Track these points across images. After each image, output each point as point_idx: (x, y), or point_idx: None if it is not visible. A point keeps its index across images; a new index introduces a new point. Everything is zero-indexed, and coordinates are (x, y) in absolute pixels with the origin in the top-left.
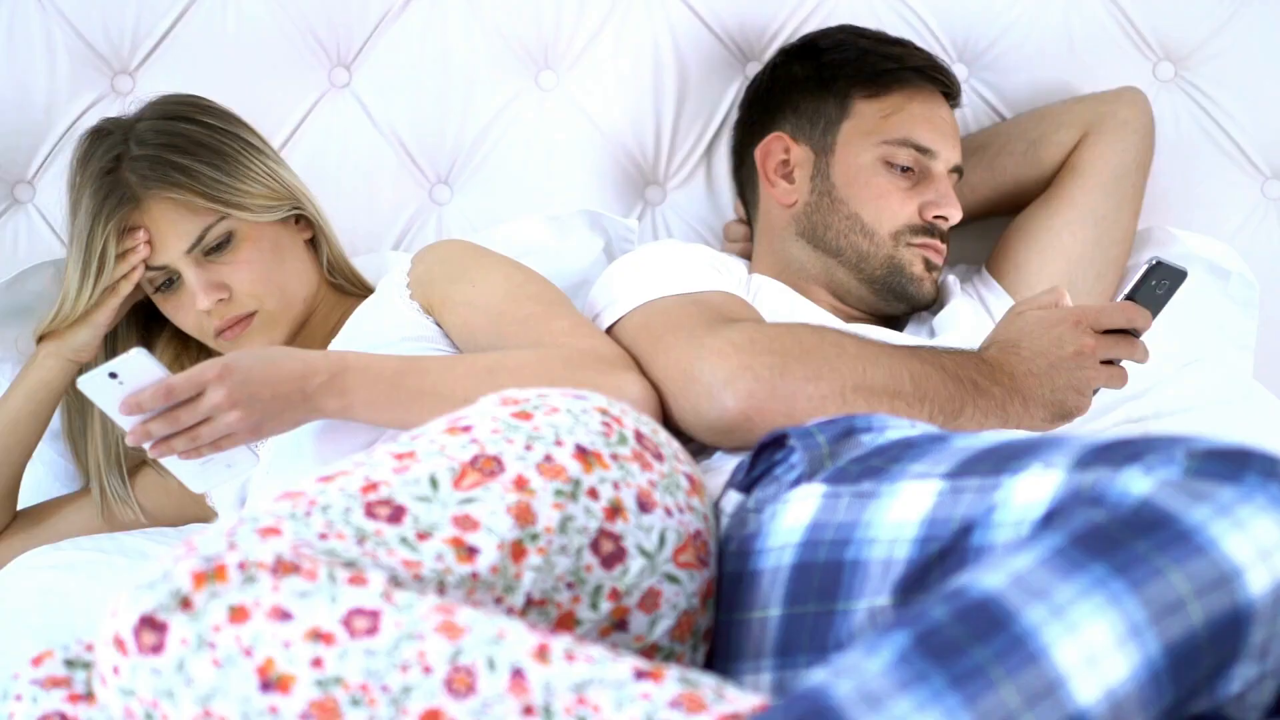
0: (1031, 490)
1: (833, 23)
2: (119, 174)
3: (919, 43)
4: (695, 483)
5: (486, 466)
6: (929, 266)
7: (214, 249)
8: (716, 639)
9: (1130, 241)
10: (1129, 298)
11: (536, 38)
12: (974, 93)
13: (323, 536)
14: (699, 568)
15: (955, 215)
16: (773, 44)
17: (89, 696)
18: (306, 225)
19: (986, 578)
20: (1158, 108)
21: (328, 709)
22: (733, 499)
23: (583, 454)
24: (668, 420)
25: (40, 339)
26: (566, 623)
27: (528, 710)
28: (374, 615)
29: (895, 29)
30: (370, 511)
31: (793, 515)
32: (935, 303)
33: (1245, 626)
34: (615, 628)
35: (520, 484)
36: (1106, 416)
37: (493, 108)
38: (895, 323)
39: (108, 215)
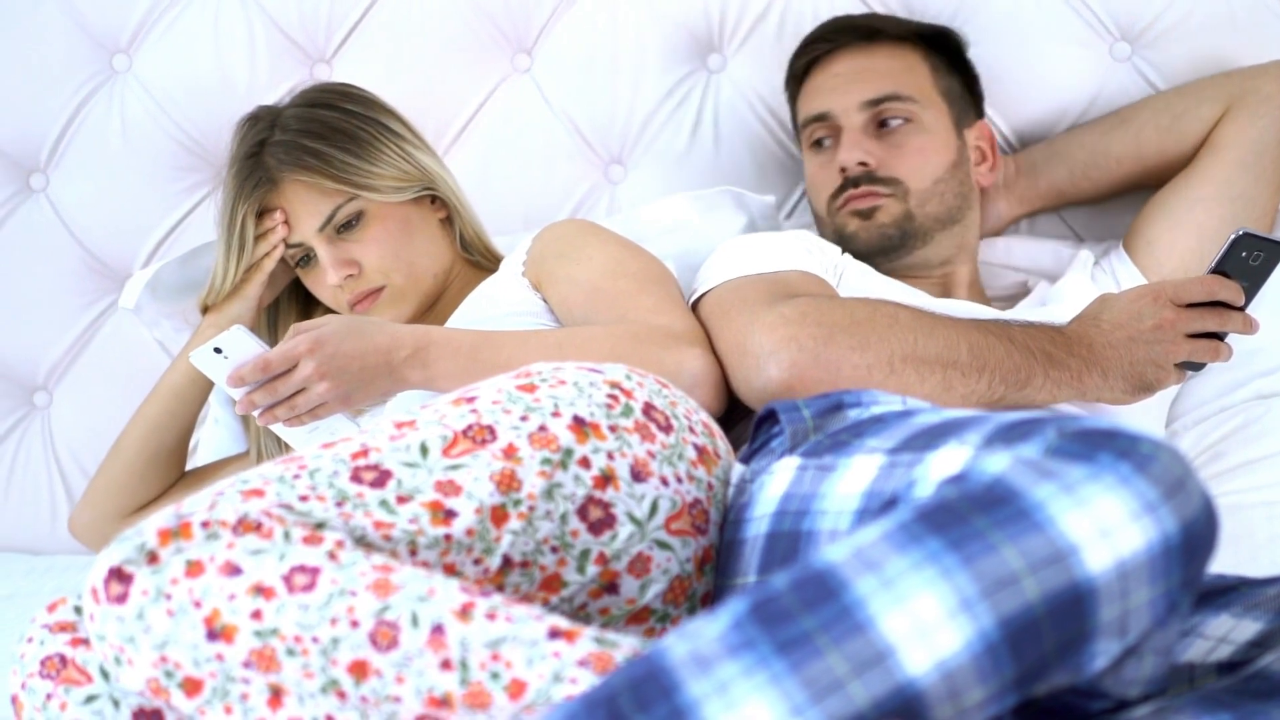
0: (944, 466)
1: (990, 6)
2: (261, 158)
3: (1078, 21)
4: (705, 453)
5: (479, 435)
6: (861, 215)
7: (345, 227)
8: (715, 604)
9: (1271, 218)
10: (1216, 270)
11: (704, 22)
12: (1135, 71)
13: (304, 498)
14: (694, 535)
15: (851, 159)
16: None
17: (89, 641)
18: (441, 205)
19: (833, 551)
20: None
21: (266, 657)
22: (737, 470)
23: (579, 425)
24: (730, 392)
25: (204, 311)
26: (552, 584)
27: (445, 664)
28: (314, 572)
29: (1056, 10)
30: (356, 475)
31: (774, 486)
32: (901, 245)
33: (1089, 603)
34: (606, 590)
35: (509, 452)
36: (1235, 393)
37: (661, 90)
38: (1007, 302)
39: (246, 196)
